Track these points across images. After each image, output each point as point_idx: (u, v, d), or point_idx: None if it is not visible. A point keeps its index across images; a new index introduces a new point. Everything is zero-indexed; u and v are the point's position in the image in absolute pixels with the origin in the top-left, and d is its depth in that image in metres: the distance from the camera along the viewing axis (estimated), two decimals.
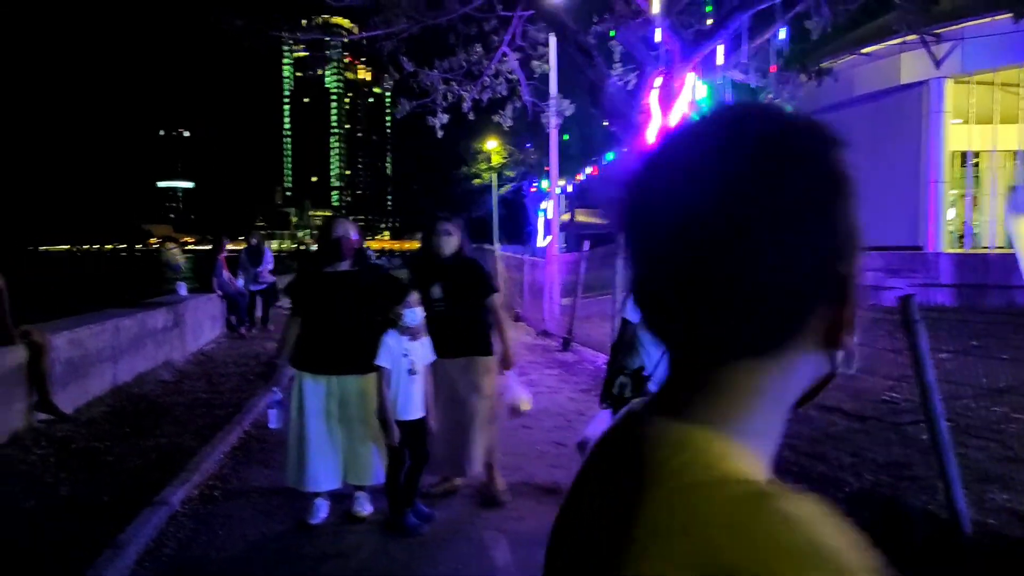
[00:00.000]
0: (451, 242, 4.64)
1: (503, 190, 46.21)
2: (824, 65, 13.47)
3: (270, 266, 12.61)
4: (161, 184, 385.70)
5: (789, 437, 5.68)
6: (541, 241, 43.90)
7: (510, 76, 13.04)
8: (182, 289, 11.25)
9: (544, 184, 42.68)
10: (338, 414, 4.30)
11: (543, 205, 44.40)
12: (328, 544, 4.14)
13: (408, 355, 4.11)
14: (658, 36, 9.57)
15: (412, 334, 4.12)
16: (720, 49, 10.86)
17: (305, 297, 4.40)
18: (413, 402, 4.13)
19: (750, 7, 9.82)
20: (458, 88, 12.81)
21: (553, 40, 13.80)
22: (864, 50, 15.95)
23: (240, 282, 12.08)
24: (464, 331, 4.61)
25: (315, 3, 11.94)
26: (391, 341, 4.09)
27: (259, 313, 12.65)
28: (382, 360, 4.05)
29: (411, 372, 4.11)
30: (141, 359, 8.14)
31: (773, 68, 11.24)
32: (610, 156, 34.84)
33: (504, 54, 12.18)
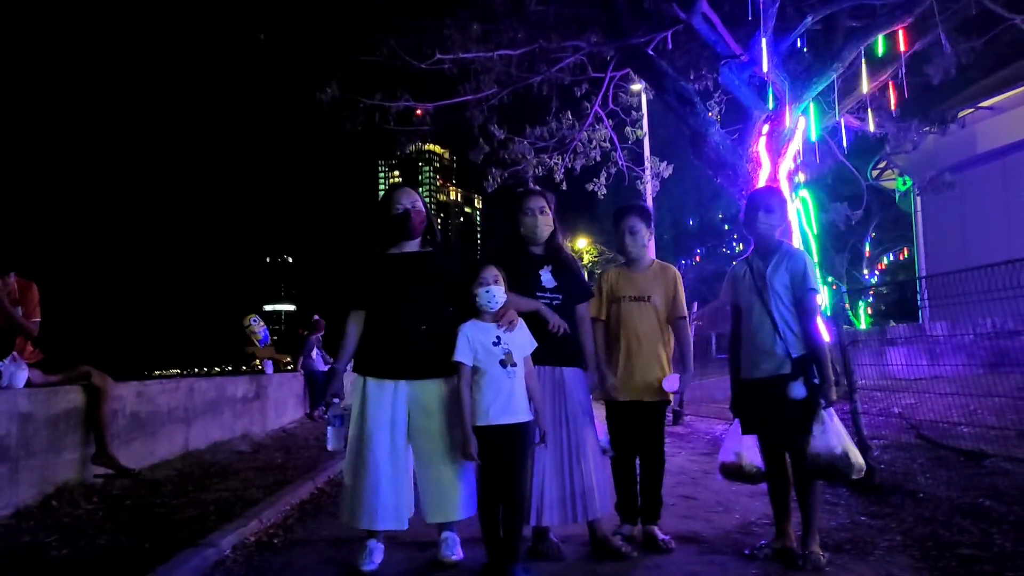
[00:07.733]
0: (547, 222, 3.69)
1: None
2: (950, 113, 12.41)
3: None
4: (267, 308, 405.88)
5: None
6: None
7: (603, 143, 12.58)
8: (269, 368, 10.79)
9: None
10: (409, 430, 3.35)
11: None
12: None
13: (500, 342, 3.23)
14: (765, 66, 8.84)
15: (503, 322, 3.28)
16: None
17: (366, 285, 3.49)
18: (514, 402, 3.20)
19: (863, 38, 9.09)
20: (548, 158, 12.41)
21: (645, 104, 13.34)
22: (985, 103, 14.73)
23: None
24: (570, 337, 3.65)
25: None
26: (470, 331, 3.25)
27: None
28: (461, 355, 3.20)
29: (505, 364, 3.20)
30: (217, 427, 7.54)
31: (894, 107, 10.25)
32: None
33: (598, 117, 11.74)
